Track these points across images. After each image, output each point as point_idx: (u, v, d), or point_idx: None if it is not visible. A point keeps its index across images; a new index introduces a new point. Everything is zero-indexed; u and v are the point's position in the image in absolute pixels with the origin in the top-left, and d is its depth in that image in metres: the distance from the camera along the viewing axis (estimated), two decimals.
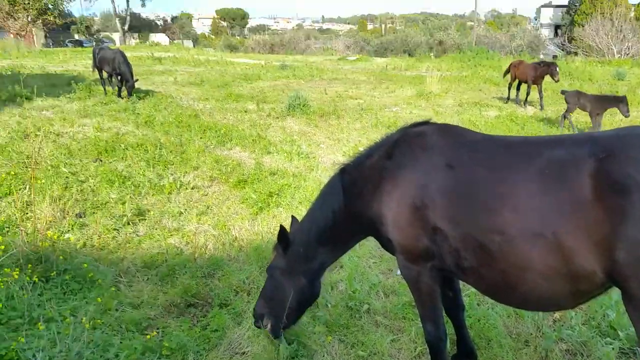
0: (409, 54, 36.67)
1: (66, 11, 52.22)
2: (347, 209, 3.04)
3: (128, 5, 67.37)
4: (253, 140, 9.42)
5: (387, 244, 2.99)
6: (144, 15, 74.37)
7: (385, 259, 4.90)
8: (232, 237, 5.52)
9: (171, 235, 5.59)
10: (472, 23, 50.84)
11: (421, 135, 2.83)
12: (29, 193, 5.88)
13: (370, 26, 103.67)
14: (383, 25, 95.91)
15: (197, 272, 4.64)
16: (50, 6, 42.32)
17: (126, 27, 65.54)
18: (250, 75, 19.85)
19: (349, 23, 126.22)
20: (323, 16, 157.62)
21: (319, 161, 8.51)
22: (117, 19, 66.62)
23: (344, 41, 50.09)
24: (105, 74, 13.84)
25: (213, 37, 76.50)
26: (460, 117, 12.26)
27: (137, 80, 13.23)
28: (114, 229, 5.57)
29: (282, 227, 3.27)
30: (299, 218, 3.49)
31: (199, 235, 5.50)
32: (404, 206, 2.69)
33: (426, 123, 2.97)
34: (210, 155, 8.23)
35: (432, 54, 34.38)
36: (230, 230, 5.69)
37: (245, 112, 12.24)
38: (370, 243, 5.05)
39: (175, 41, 61.57)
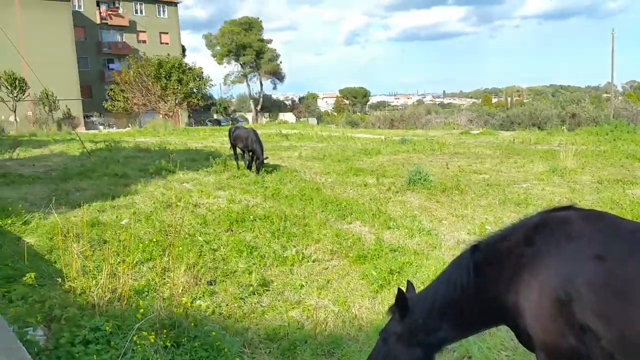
0: (539, 128, 34.94)
1: (208, 94, 58.97)
2: (476, 289, 2.81)
3: (261, 89, 74.85)
4: (373, 214, 9.41)
5: (524, 337, 2.70)
6: (274, 97, 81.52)
7: (520, 352, 4.42)
8: (352, 315, 5.41)
9: (293, 308, 5.64)
10: (609, 95, 47.61)
11: (566, 221, 2.60)
12: (168, 259, 6.39)
13: (494, 99, 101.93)
14: (509, 99, 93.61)
15: (318, 350, 4.58)
16: (194, 90, 48.27)
17: (259, 108, 72.32)
18: (370, 149, 20.26)
19: (471, 97, 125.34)
20: (444, 91, 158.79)
21: (442, 239, 8.18)
22: (251, 100, 73.92)
23: (466, 115, 49.32)
24: (239, 150, 15.07)
25: (336, 114, 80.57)
26: (600, 195, 11.19)
27: (266, 158, 14.22)
28: (240, 298, 5.78)
29: (400, 290, 3.09)
30: None
31: (319, 310, 5.49)
32: (546, 299, 2.43)
33: (570, 208, 2.73)
34: (331, 229, 8.35)
35: (564, 128, 32.43)
36: (350, 307, 5.60)
37: (365, 186, 12.39)
38: (502, 333, 4.64)
39: (301, 119, 66.07)
